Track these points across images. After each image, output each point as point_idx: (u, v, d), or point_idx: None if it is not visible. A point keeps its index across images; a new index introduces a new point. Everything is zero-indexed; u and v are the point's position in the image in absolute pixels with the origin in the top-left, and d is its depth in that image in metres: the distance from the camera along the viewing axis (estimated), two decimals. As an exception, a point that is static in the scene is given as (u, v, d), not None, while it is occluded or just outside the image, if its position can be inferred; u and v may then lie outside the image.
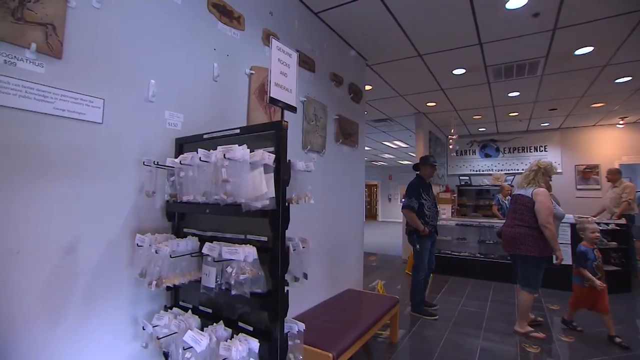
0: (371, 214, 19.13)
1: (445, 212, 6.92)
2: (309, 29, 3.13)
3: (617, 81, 5.18)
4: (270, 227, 1.31)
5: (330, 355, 2.12)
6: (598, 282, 3.23)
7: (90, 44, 1.49)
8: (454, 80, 5.09)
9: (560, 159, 8.38)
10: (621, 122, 7.72)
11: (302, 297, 2.83)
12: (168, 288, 1.56)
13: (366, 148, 11.53)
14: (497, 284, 5.40)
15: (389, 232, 11.92)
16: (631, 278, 5.24)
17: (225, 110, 2.19)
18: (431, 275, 4.39)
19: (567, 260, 4.25)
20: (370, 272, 6.42)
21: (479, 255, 6.06)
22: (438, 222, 4.59)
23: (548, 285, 5.13)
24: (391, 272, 6.54)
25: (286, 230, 1.35)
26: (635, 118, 7.48)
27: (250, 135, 1.53)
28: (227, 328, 1.38)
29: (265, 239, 1.40)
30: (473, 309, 4.27)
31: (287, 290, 1.35)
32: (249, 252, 1.25)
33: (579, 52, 4.15)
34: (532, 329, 3.48)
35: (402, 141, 10.30)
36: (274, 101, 1.33)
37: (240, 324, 1.41)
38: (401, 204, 4.34)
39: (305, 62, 3.03)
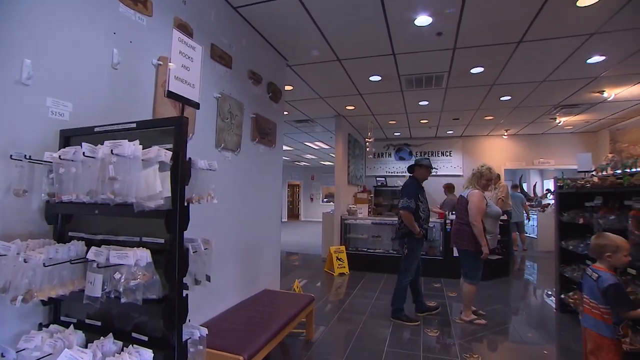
0: (293, 214, 19.27)
1: (362, 212, 7.29)
2: (227, 24, 3.03)
3: (501, 99, 6.04)
4: (166, 228, 1.23)
5: (241, 358, 2.09)
6: None
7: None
8: (370, 86, 5.39)
9: (462, 164, 9.48)
10: (505, 134, 9.04)
11: (214, 300, 2.72)
12: (44, 302, 1.36)
13: (288, 148, 11.57)
14: (406, 277, 5.87)
15: (311, 232, 12.16)
16: (509, 265, 6.18)
17: (127, 102, 1.99)
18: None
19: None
20: (291, 272, 6.48)
21: (392, 251, 6.52)
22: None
23: (447, 275, 5.80)
24: (312, 271, 6.68)
25: (185, 231, 1.28)
26: (516, 131, 8.82)
27: (154, 130, 1.41)
28: (117, 341, 1.25)
29: (162, 241, 1.30)
30: (386, 302, 4.57)
31: (187, 295, 1.28)
32: (141, 256, 1.15)
33: (473, 70, 4.73)
34: (476, 317, 3.88)
35: (323, 142, 10.58)
36: (172, 95, 1.25)
37: (133, 334, 1.29)
38: (323, 203, 4.38)
39: (222, 58, 2.92)
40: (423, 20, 3.36)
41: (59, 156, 1.28)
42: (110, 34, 1.89)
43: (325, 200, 17.97)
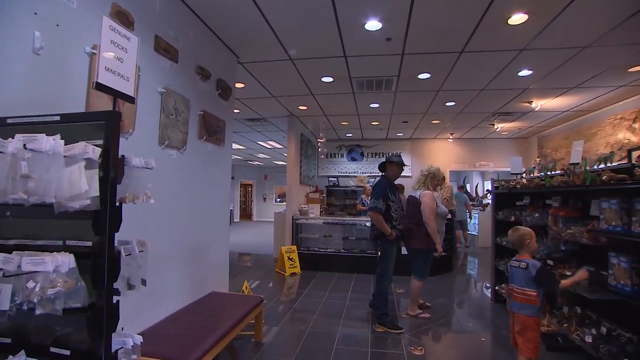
0: (246, 214, 18.93)
1: (314, 212, 7.34)
2: (174, 15, 2.88)
3: (447, 104, 6.41)
4: (94, 230, 1.14)
5: (183, 365, 1.99)
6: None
7: None
8: (323, 87, 5.45)
9: (411, 165, 9.90)
10: (451, 137, 9.61)
11: (156, 305, 2.58)
12: None
13: (240, 147, 11.33)
14: (358, 276, 6.01)
15: (263, 232, 12.02)
16: (453, 261, 6.59)
17: (54, 93, 1.81)
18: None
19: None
20: (242, 273, 6.35)
21: (343, 250, 6.64)
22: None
23: (395, 272, 6.01)
24: (263, 271, 6.60)
25: (117, 233, 1.20)
26: (460, 134, 9.41)
27: (88, 125, 1.29)
28: (30, 358, 1.12)
29: (90, 244, 1.20)
30: (336, 301, 4.64)
31: (118, 301, 1.19)
32: (62, 261, 1.05)
33: (420, 76, 4.97)
34: (421, 311, 4.04)
35: (276, 142, 10.51)
36: (102, 87, 1.16)
37: (52, 349, 1.17)
38: (276, 203, 4.30)
39: (167, 51, 2.77)
40: (373, 25, 3.45)
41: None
42: (30, 14, 1.69)
43: (278, 200, 17.84)
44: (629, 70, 4.63)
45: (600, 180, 2.51)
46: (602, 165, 2.75)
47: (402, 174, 4.06)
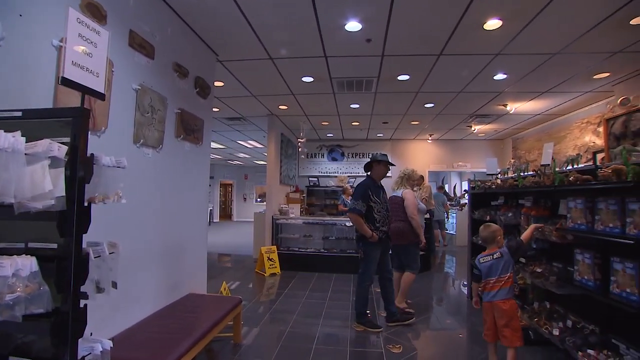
0: (226, 214, 18.67)
1: (294, 212, 7.32)
2: (150, 11, 2.81)
3: (426, 106, 6.53)
4: (59, 231, 1.09)
5: (157, 369, 1.94)
6: None
7: None
8: (303, 86, 5.44)
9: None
10: (430, 138, 9.80)
11: (130, 309, 2.50)
12: None
13: (220, 146, 11.17)
14: (338, 276, 6.03)
15: (243, 232, 11.87)
16: (431, 260, 6.72)
17: (17, 87, 1.72)
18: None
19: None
20: (222, 274, 6.26)
21: (323, 250, 6.66)
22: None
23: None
24: (243, 272, 6.53)
25: (85, 234, 1.15)
26: (438, 136, 9.61)
27: (56, 122, 1.24)
28: (-11, 366, 1.07)
29: (55, 246, 1.15)
30: (316, 300, 4.64)
31: (85, 305, 1.15)
32: (23, 264, 1.00)
33: (400, 77, 5.03)
34: (407, 306, 4.14)
35: (256, 141, 10.43)
36: (68, 83, 1.11)
37: (12, 358, 1.11)
38: (257, 203, 4.27)
39: (142, 47, 2.69)
40: (353, 26, 3.47)
41: None
42: (-12, 2, 1.61)
43: (259, 200, 17.69)
44: (594, 77, 4.87)
45: (567, 181, 2.62)
46: (569, 167, 2.87)
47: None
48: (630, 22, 3.31)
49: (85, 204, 1.17)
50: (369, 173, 3.88)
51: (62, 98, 1.98)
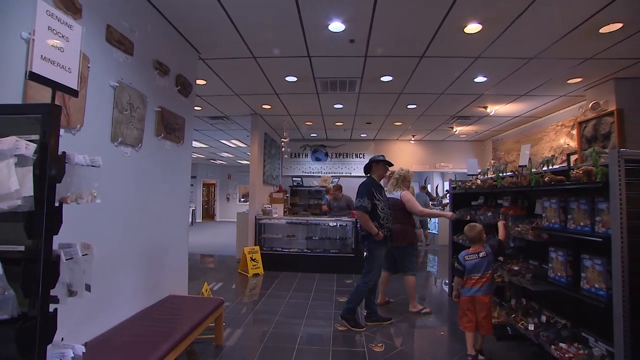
0: (209, 214, 18.42)
1: (277, 211, 7.28)
2: (129, 6, 2.73)
3: (408, 107, 6.61)
4: (27, 233, 1.05)
5: (134, 374, 1.90)
6: None
7: None
8: (287, 86, 5.42)
9: (374, 165, 10.09)
10: (412, 139, 9.93)
11: (106, 312, 2.43)
12: None
13: (203, 145, 11.01)
14: (321, 275, 6.04)
15: (227, 232, 11.75)
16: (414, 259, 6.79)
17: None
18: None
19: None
20: (204, 274, 6.17)
21: (306, 250, 6.65)
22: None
23: (358, 271, 6.10)
24: (226, 272, 6.46)
25: (56, 235, 1.11)
26: (421, 136, 9.74)
27: (26, 118, 1.18)
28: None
29: (22, 248, 1.11)
30: (299, 301, 4.63)
31: (55, 309, 1.11)
32: (-14, 268, 0.96)
33: (383, 79, 5.08)
34: (423, 307, 4.20)
35: (239, 141, 10.32)
36: (37, 78, 1.07)
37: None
38: (240, 203, 4.21)
39: (121, 43, 2.62)
40: (336, 26, 3.48)
41: None
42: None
43: (242, 200, 17.50)
44: (567, 82, 5.05)
45: (542, 182, 2.71)
46: (545, 168, 2.96)
47: (363, 175, 4.10)
48: (600, 31, 3.47)
49: (56, 204, 1.13)
50: (368, 174, 3.91)
51: (33, 94, 1.91)
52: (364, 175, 3.99)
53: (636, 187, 1.99)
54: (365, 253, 3.69)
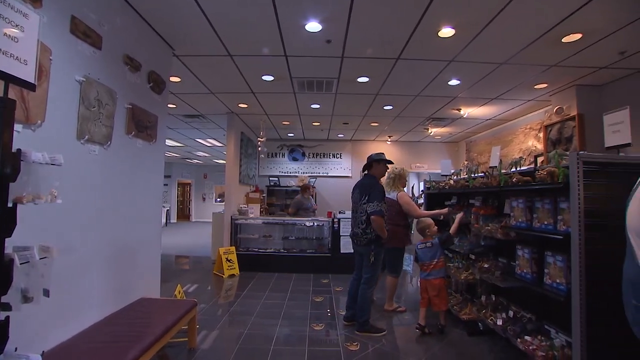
0: (184, 214, 18.00)
1: (254, 212, 7.21)
2: (96, -3, 2.63)
3: (385, 108, 6.70)
4: (-23, 235, 0.99)
5: (99, 381, 1.82)
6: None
7: None
8: (263, 85, 5.36)
9: (351, 166, 10.18)
10: (389, 140, 10.07)
11: (71, 317, 2.32)
12: None
13: (178, 144, 10.76)
14: (297, 275, 6.02)
15: (202, 233, 11.51)
16: (389, 258, 6.89)
17: None
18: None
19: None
20: (178, 276, 6.01)
21: (283, 250, 6.62)
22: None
23: (334, 271, 6.16)
24: (201, 274, 6.34)
25: (9, 238, 1.05)
26: (397, 137, 9.90)
27: None
28: None
29: (-26, 251, 1.04)
30: (275, 301, 4.60)
31: (7, 317, 1.05)
32: None
33: (360, 79, 5.12)
34: (398, 305, 4.31)
35: (216, 140, 10.13)
36: (-11, 70, 1.01)
37: None
38: (216, 203, 4.08)
39: (87, 35, 2.51)
40: (313, 26, 3.48)
41: None
42: None
43: (218, 200, 17.19)
44: (534, 87, 5.28)
45: (511, 182, 2.81)
46: (513, 169, 3.08)
47: (340, 175, 4.12)
48: (562, 40, 3.66)
49: (10, 204, 1.07)
50: (366, 172, 3.84)
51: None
52: (356, 175, 4.01)
53: (593, 187, 2.11)
54: (372, 258, 3.50)
